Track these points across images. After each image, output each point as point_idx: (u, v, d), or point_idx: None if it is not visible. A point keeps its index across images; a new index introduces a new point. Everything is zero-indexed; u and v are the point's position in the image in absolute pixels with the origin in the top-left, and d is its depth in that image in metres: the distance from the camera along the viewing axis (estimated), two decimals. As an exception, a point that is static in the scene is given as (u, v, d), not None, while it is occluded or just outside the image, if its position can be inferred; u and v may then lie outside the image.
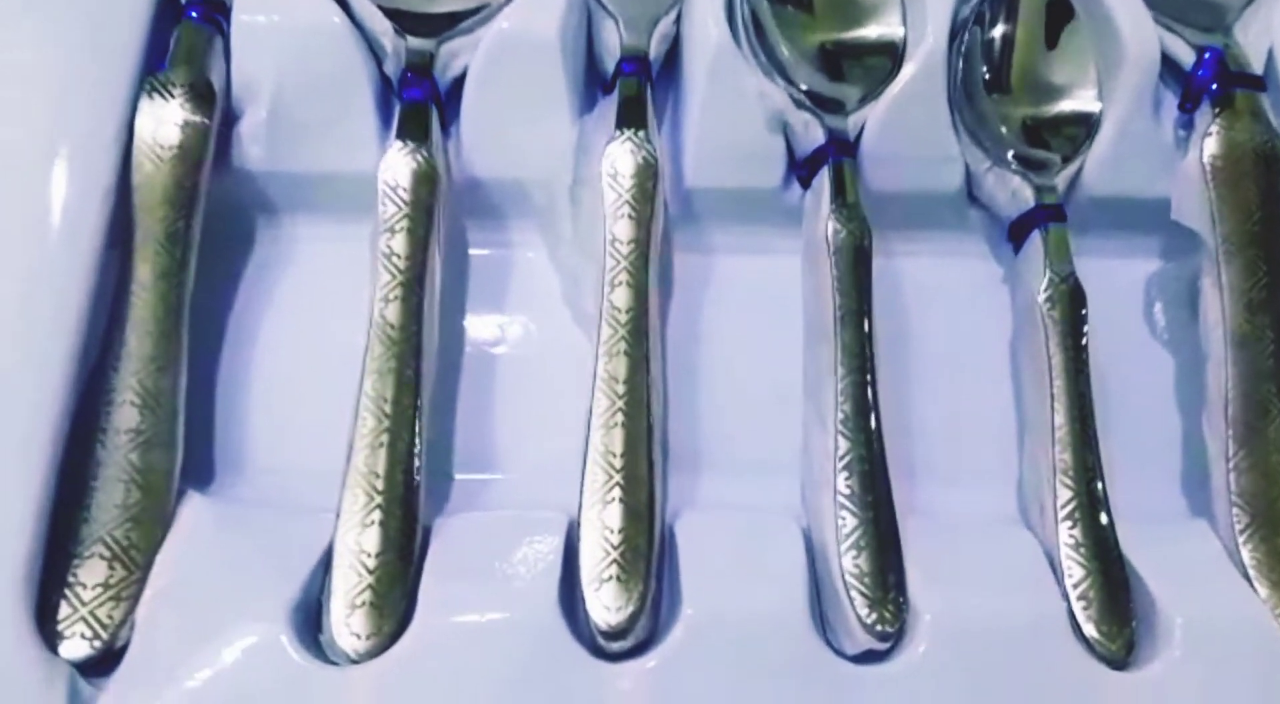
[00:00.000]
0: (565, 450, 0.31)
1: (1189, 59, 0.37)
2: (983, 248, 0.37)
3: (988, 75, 0.37)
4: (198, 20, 0.34)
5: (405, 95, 0.34)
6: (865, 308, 0.32)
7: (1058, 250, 0.34)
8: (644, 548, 0.29)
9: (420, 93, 0.34)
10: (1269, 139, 0.35)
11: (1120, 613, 0.30)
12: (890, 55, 0.36)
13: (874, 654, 0.29)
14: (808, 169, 0.35)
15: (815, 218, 0.34)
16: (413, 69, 0.34)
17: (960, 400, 0.35)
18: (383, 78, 0.35)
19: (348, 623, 0.28)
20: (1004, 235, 0.37)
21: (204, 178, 0.32)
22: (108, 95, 0.32)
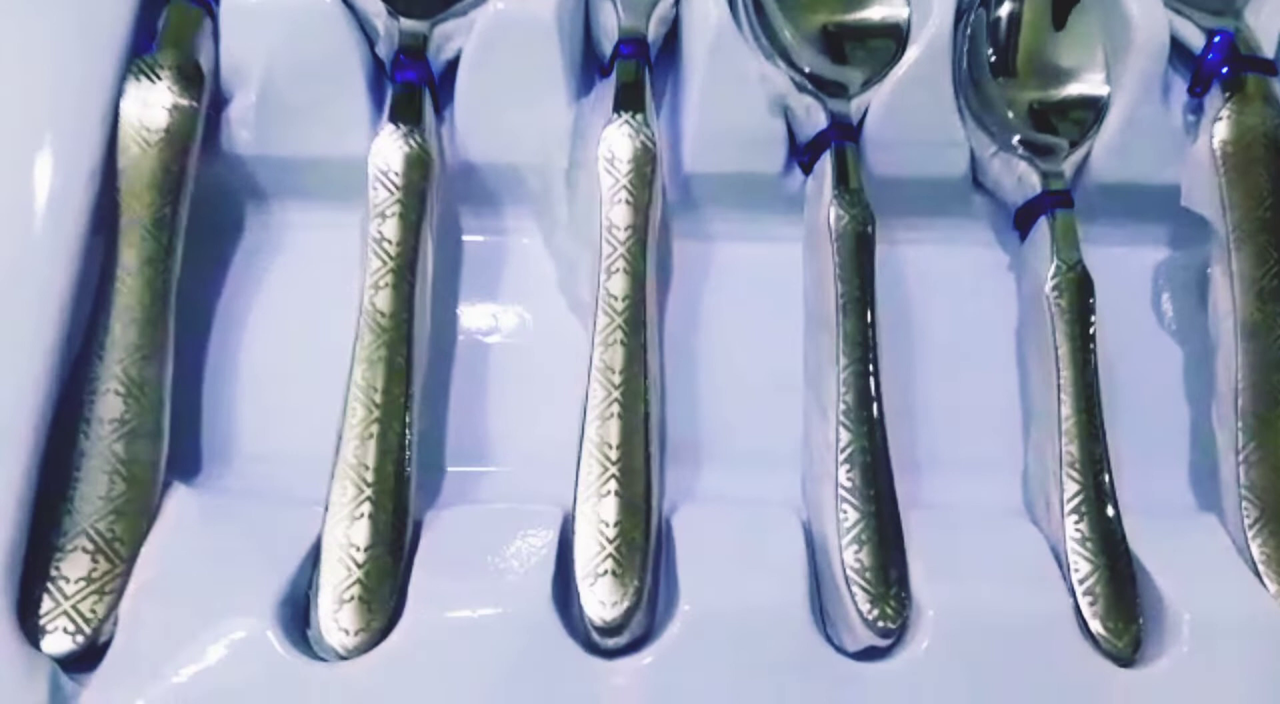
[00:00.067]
0: (560, 442, 0.30)
1: (1199, 42, 0.36)
2: (988, 235, 0.37)
3: (994, 58, 0.36)
4: (186, 1, 0.33)
5: (398, 78, 0.33)
6: (868, 296, 0.32)
7: (1065, 237, 0.34)
8: (640, 542, 0.29)
9: (413, 75, 0.33)
10: (1281, 123, 0.35)
11: (1127, 609, 0.30)
12: (894, 37, 0.36)
13: (876, 651, 0.29)
14: (809, 154, 0.35)
15: (817, 204, 0.34)
16: (405, 51, 0.34)
17: (964, 391, 0.35)
18: (375, 60, 0.35)
19: (336, 618, 0.28)
20: (1010, 222, 0.36)
21: (192, 162, 0.32)
22: (94, 77, 0.32)
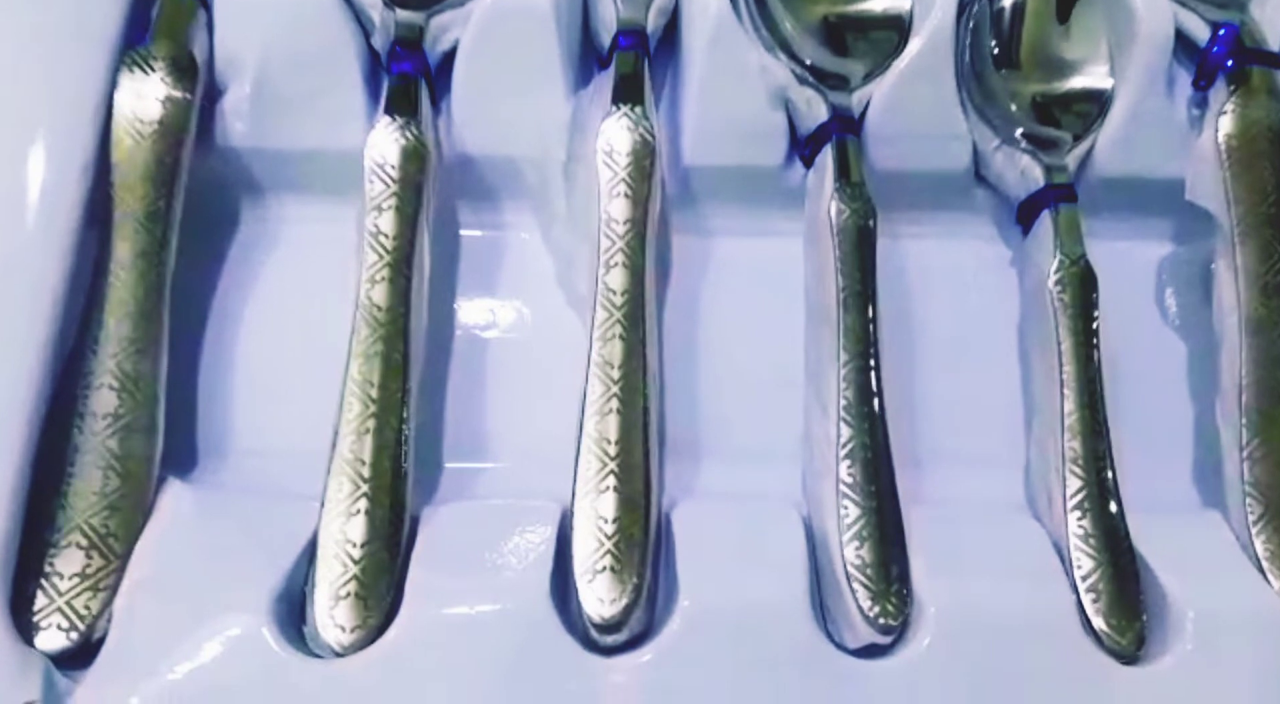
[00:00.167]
0: (558, 437, 0.30)
1: (1203, 35, 0.36)
2: (990, 229, 0.37)
3: (997, 50, 0.36)
4: (181, -9, 0.33)
5: (394, 69, 0.33)
6: (869, 291, 0.32)
7: (1068, 232, 0.33)
8: (639, 538, 0.29)
9: (409, 67, 0.33)
10: (1286, 117, 0.35)
11: (1130, 606, 0.30)
12: (896, 29, 0.35)
13: (877, 648, 0.29)
14: (810, 147, 0.35)
15: (818, 198, 0.34)
16: (401, 42, 0.33)
17: (966, 386, 0.35)
18: (371, 52, 0.35)
19: (332, 615, 0.28)
20: (1012, 216, 0.36)
21: (185, 154, 0.32)
22: (86, 69, 0.32)
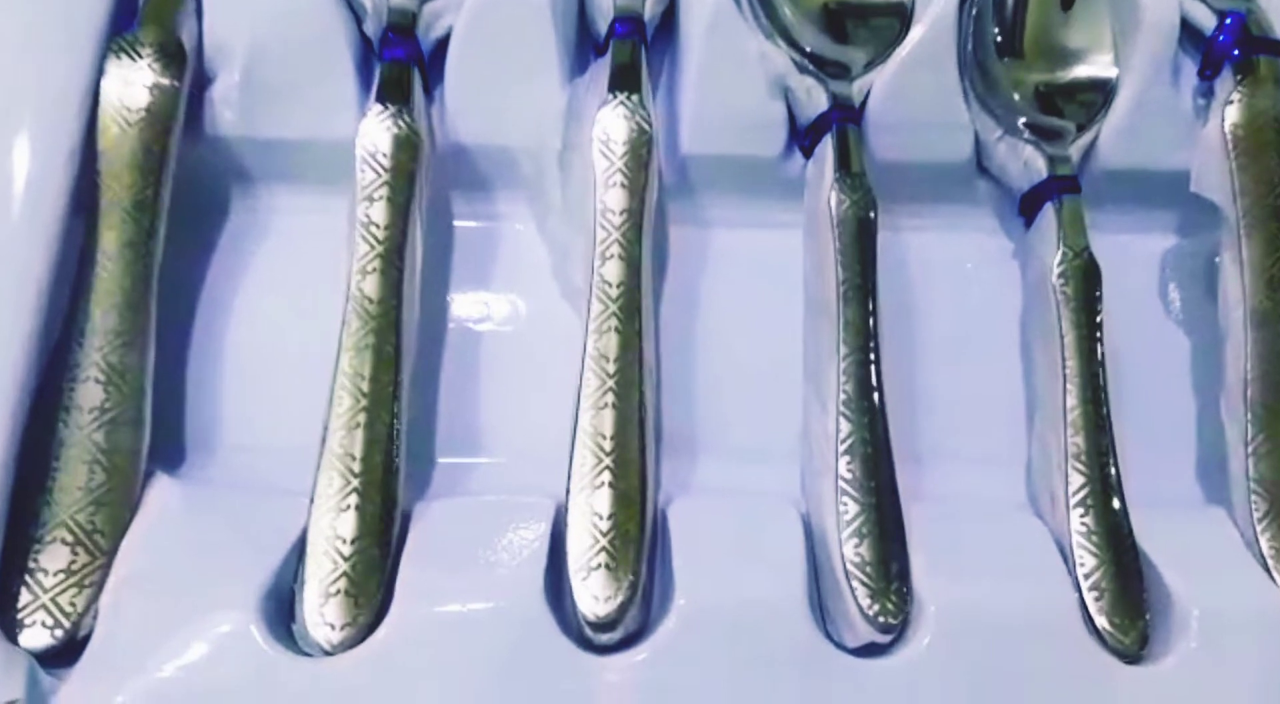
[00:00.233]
0: (553, 432, 0.30)
1: (1209, 23, 0.36)
2: (993, 221, 0.37)
3: (1000, 39, 0.36)
4: (168, -24, 0.33)
5: (386, 56, 0.33)
6: (869, 283, 0.32)
7: (1072, 224, 0.33)
8: (635, 535, 0.28)
9: (401, 53, 0.33)
10: (1293, 107, 0.35)
11: (1134, 604, 0.29)
12: (898, 16, 0.35)
13: (876, 647, 0.29)
14: (810, 137, 0.35)
15: (818, 188, 0.33)
16: (394, 29, 0.33)
17: (968, 381, 0.35)
18: (363, 38, 0.34)
19: (321, 612, 0.27)
20: (1015, 208, 0.36)
21: (173, 143, 0.31)
22: (73, 55, 0.31)
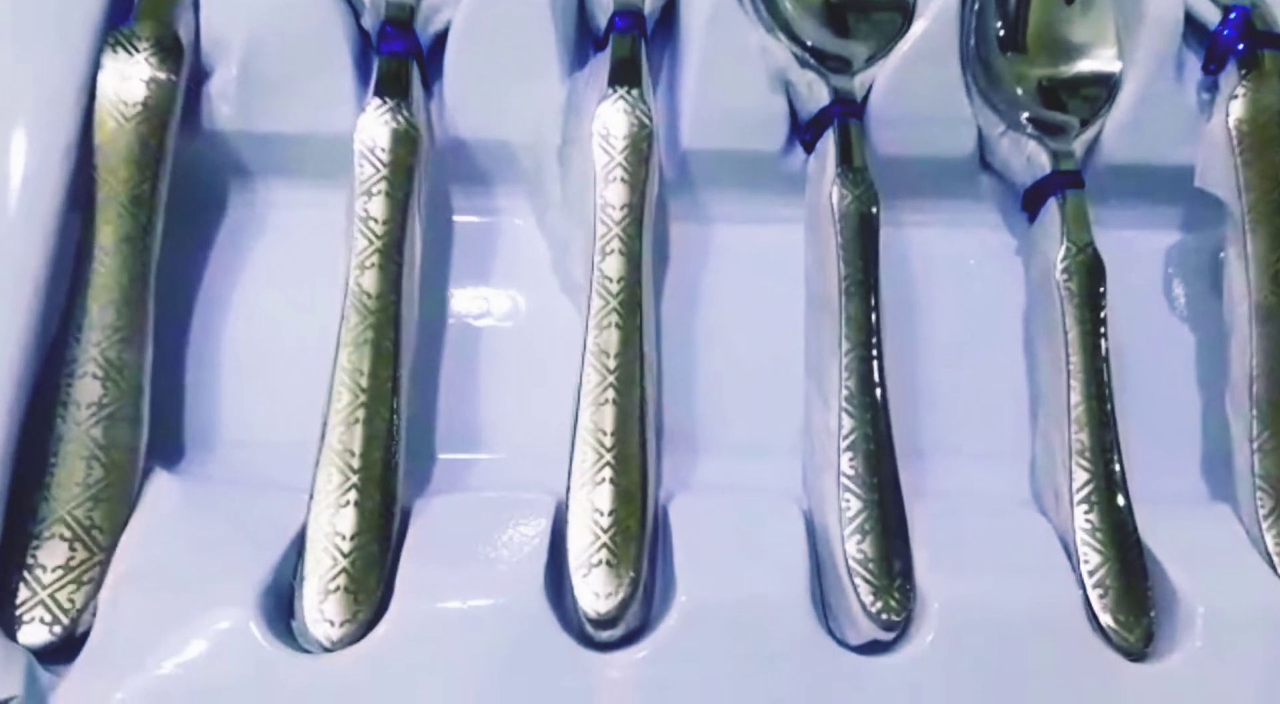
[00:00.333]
0: (553, 428, 0.30)
1: (1214, 17, 0.36)
2: (995, 216, 0.37)
3: (1003, 33, 0.36)
4: (165, -30, 0.33)
5: (384, 50, 0.33)
6: (871, 279, 0.32)
7: (1075, 219, 0.33)
8: (635, 531, 0.28)
9: (400, 47, 0.33)
10: (1299, 102, 0.35)
11: (1138, 601, 0.29)
12: (900, 11, 0.35)
13: (878, 644, 0.29)
14: (812, 131, 0.35)
15: (819, 183, 0.33)
16: (392, 22, 0.33)
17: (971, 377, 0.35)
18: (361, 33, 0.34)
19: (321, 609, 0.27)
20: (1018, 203, 0.36)
21: (171, 137, 0.31)
22: (69, 49, 0.31)
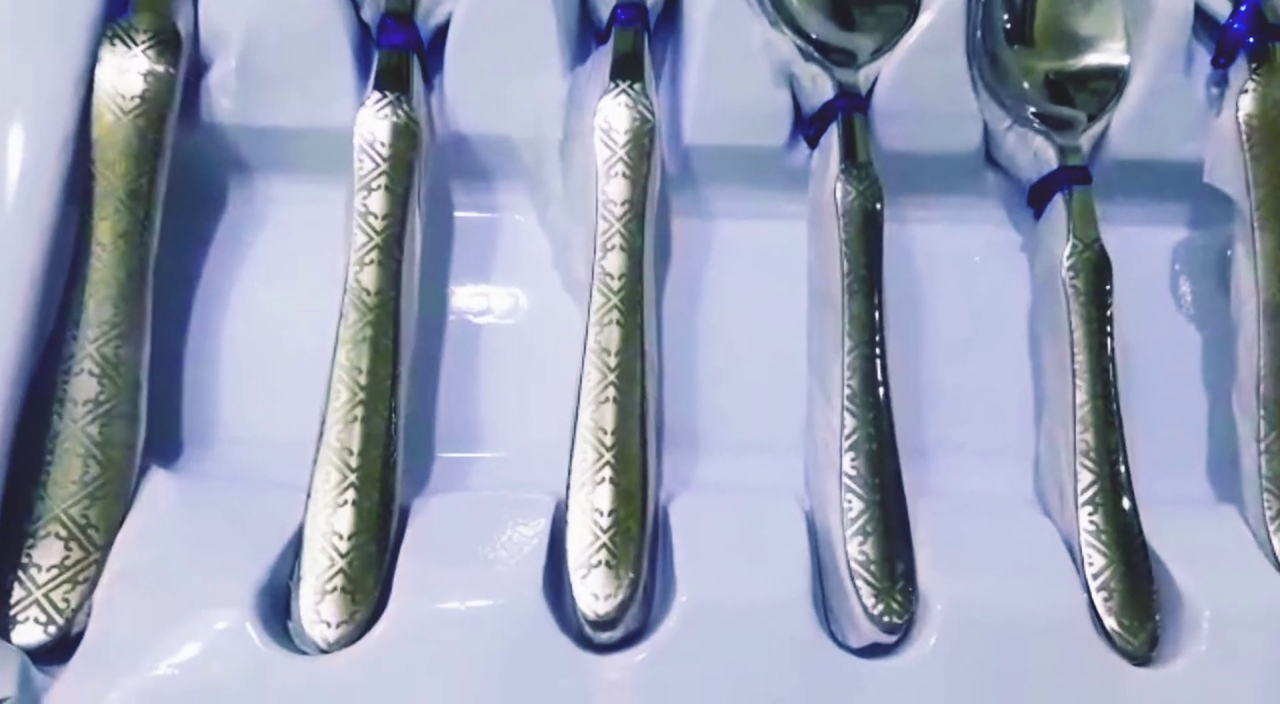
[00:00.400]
0: (553, 427, 0.30)
1: (1224, 10, 0.36)
2: (1001, 213, 0.36)
3: (1009, 26, 0.36)
4: (163, -38, 0.33)
5: (384, 43, 0.33)
6: (875, 276, 0.31)
7: (1082, 215, 0.33)
8: (636, 532, 0.28)
9: (400, 40, 0.33)
10: (1310, 97, 0.34)
11: (1143, 604, 0.29)
12: (906, 3, 0.35)
13: (881, 647, 0.29)
14: (816, 126, 0.34)
15: (823, 179, 0.33)
16: (392, 15, 0.33)
17: (975, 376, 0.34)
18: (361, 25, 0.34)
19: (318, 609, 0.27)
20: (1024, 199, 0.36)
21: (169, 131, 0.31)
22: (66, 42, 0.31)
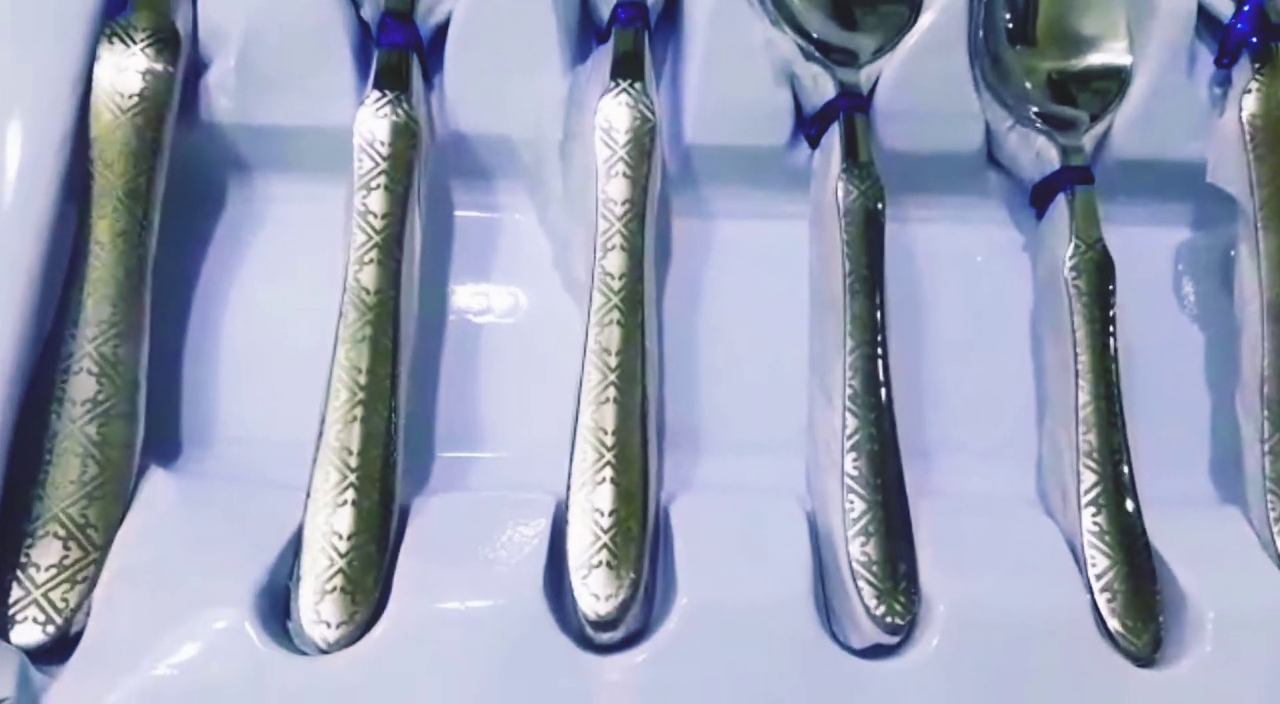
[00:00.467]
0: (553, 427, 0.30)
1: (1227, 10, 0.36)
2: (1003, 213, 0.36)
3: (1011, 25, 0.35)
4: (162, -40, 0.33)
5: (383, 42, 0.32)
6: (877, 276, 0.31)
7: (1085, 215, 0.33)
8: (636, 532, 0.28)
9: (400, 39, 0.32)
10: (1313, 96, 0.34)
11: (1147, 606, 0.29)
12: (908, 2, 0.35)
13: (883, 649, 0.28)
14: (817, 126, 0.34)
15: (824, 179, 0.33)
16: (392, 14, 0.33)
17: (977, 376, 0.34)
18: (360, 23, 0.34)
19: (317, 609, 0.27)
20: (1026, 199, 0.36)
21: (168, 130, 0.31)
22: (64, 40, 0.31)
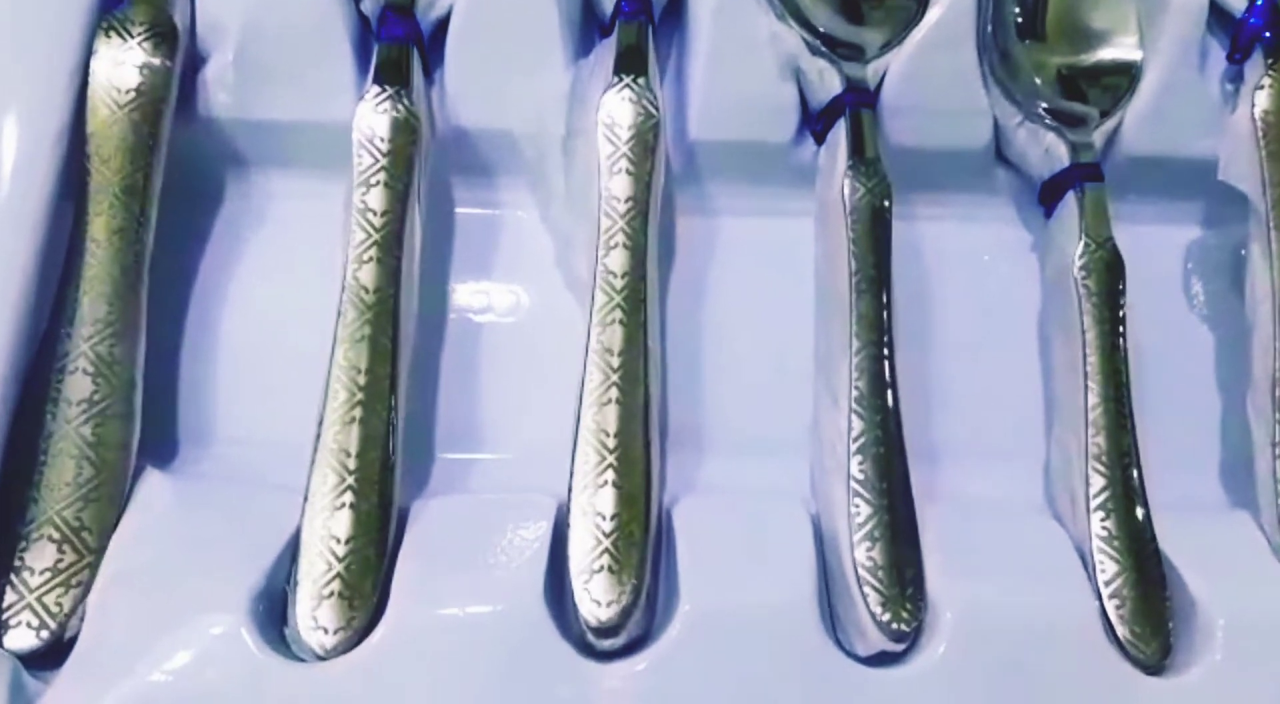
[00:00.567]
0: (555, 428, 0.29)
1: (1239, 4, 0.36)
2: (1011, 211, 0.36)
3: (1020, 20, 0.35)
4: (160, -48, 0.33)
5: (383, 36, 0.33)
6: (883, 275, 0.31)
7: (1094, 213, 0.33)
8: (639, 536, 0.28)
9: (400, 33, 0.32)
10: (1327, 93, 0.34)
11: (1156, 612, 0.29)
12: (916, -4, 0.35)
13: (888, 655, 0.28)
14: (823, 122, 0.34)
15: (830, 176, 0.33)
16: (392, 8, 0.33)
17: (985, 377, 0.34)
18: (360, 18, 0.34)
19: (314, 615, 0.27)
20: (1035, 197, 0.36)
21: (165, 125, 0.31)
22: (61, 34, 0.31)
